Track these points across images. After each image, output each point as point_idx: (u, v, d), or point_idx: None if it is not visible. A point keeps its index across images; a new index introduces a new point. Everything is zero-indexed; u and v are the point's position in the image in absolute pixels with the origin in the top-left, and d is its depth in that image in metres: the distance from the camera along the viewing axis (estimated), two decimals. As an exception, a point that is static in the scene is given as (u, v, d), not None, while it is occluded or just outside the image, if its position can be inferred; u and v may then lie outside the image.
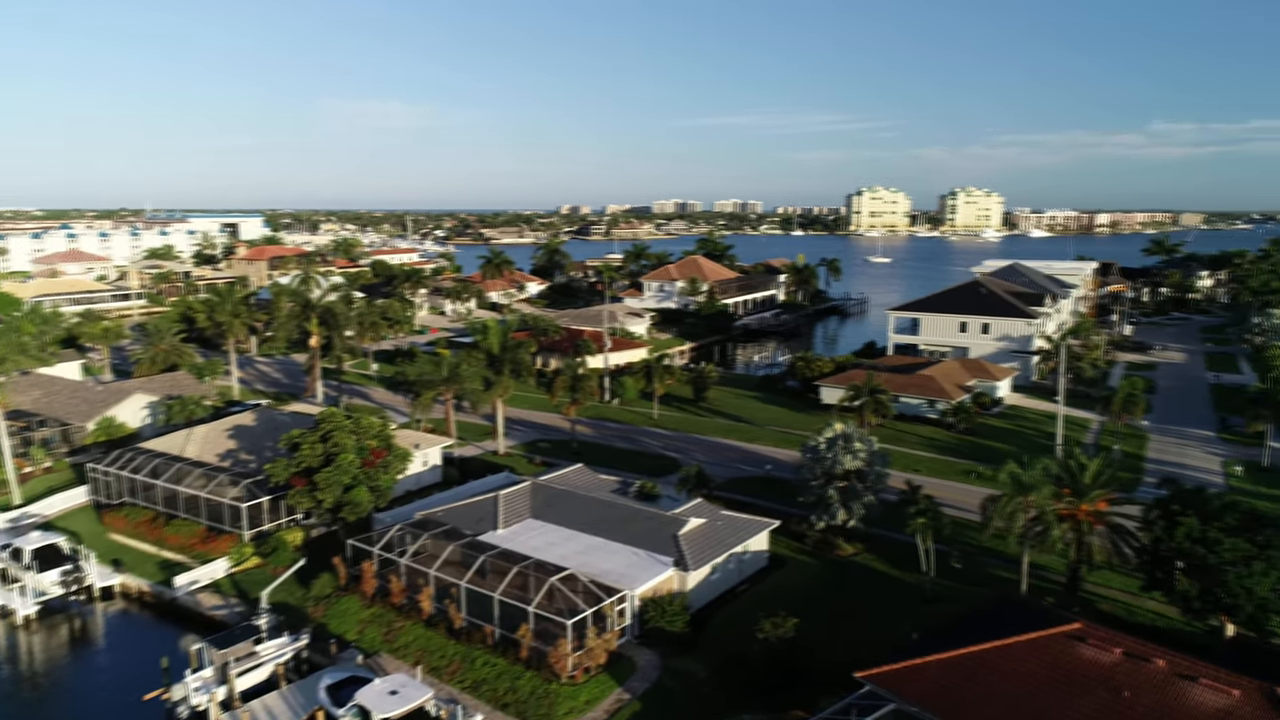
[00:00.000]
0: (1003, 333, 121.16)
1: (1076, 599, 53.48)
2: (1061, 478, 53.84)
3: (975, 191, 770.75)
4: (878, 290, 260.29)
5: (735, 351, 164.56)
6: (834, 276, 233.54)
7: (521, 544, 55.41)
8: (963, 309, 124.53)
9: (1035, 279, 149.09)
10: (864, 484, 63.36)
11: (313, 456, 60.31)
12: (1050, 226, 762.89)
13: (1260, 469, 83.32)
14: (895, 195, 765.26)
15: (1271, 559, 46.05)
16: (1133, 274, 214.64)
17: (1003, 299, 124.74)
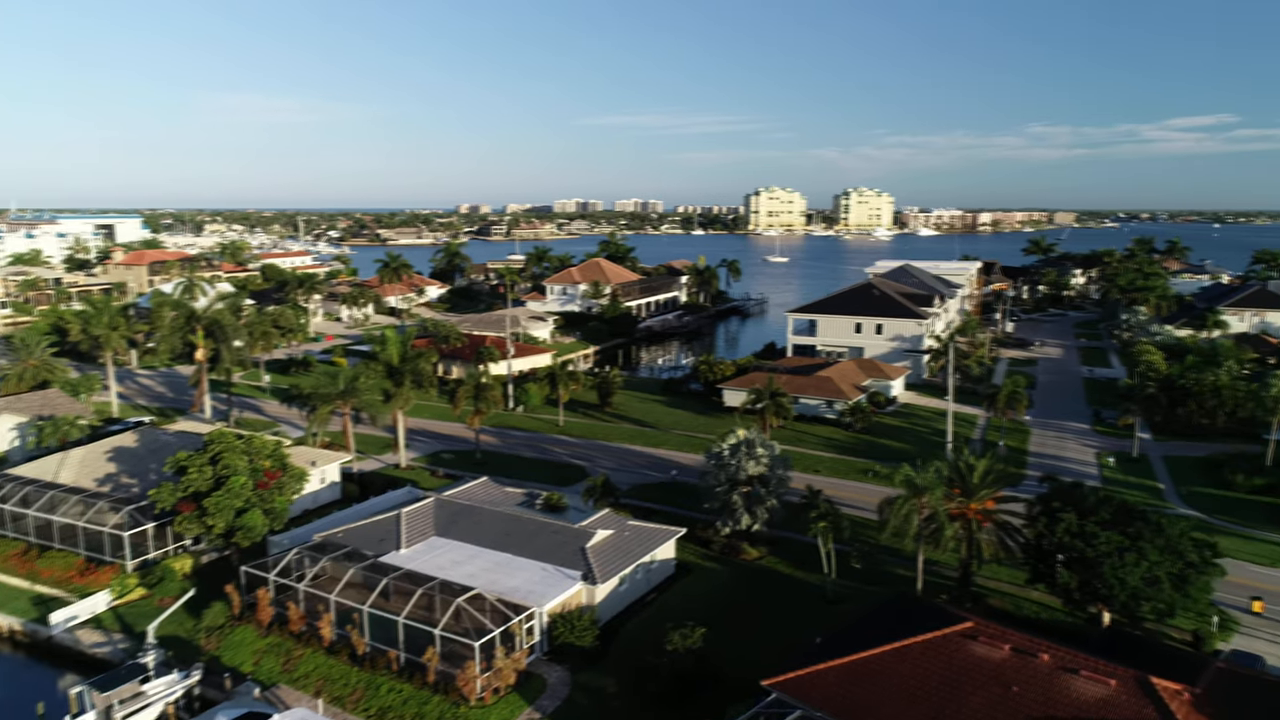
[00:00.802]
0: (895, 333, 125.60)
1: (969, 594, 55.92)
2: (952, 479, 56.16)
3: (867, 191, 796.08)
4: (776, 290, 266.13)
5: (639, 354, 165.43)
6: (734, 277, 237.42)
7: (426, 564, 54.29)
8: (857, 310, 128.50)
9: (924, 279, 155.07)
10: (767, 488, 64.65)
11: (201, 480, 57.57)
12: (937, 225, 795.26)
13: (1130, 460, 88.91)
14: (791, 195, 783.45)
15: (1142, 550, 49.18)
16: (1013, 273, 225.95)
17: (895, 300, 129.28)
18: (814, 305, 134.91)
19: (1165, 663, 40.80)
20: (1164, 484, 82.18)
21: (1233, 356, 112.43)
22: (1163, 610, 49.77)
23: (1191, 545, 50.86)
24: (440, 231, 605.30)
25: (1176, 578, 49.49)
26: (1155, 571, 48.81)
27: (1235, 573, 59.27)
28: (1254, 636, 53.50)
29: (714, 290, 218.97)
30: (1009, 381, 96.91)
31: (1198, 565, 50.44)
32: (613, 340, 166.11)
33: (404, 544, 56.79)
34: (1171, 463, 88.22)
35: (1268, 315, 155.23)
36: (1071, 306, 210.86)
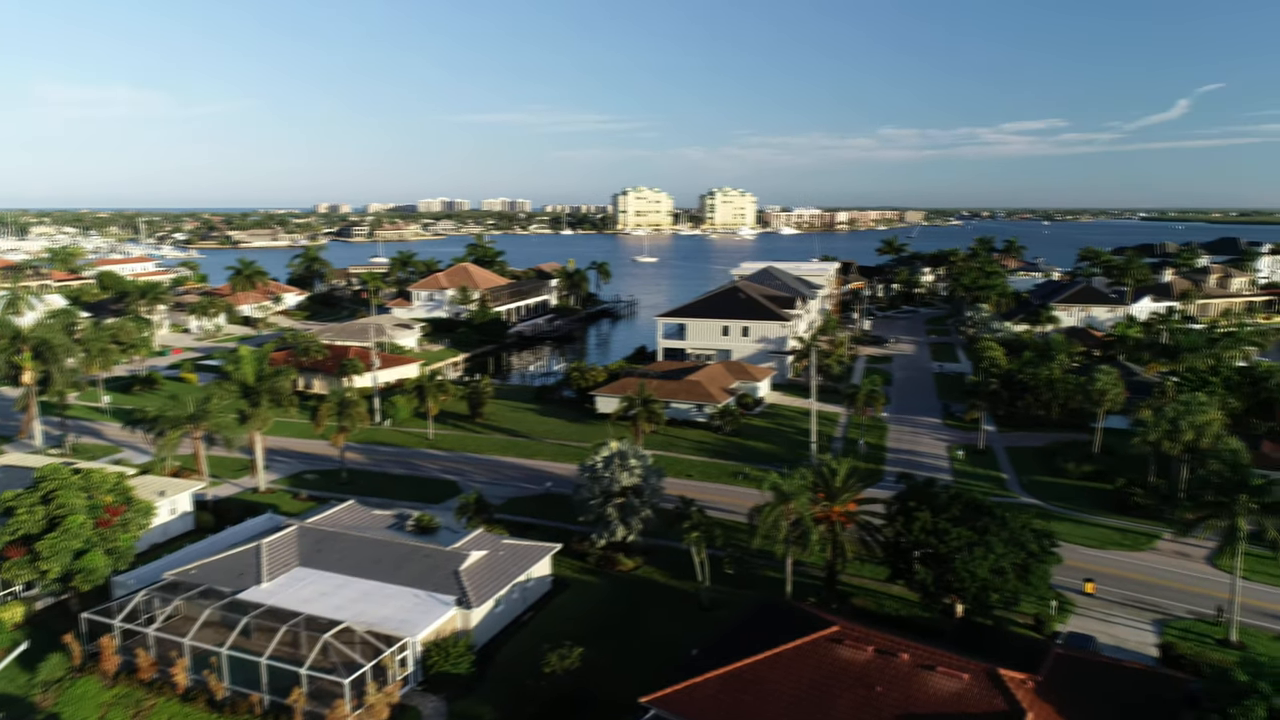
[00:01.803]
0: (761, 335, 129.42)
1: (835, 594, 58.28)
2: (817, 483, 58.36)
3: (731, 191, 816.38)
4: (646, 291, 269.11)
5: (510, 360, 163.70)
6: (604, 279, 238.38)
7: (290, 598, 51.90)
8: (724, 314, 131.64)
9: (787, 281, 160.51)
10: (641, 499, 65.28)
11: (32, 522, 52.98)
12: (798, 224, 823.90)
13: (977, 452, 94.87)
14: (659, 195, 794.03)
15: (989, 544, 52.60)
16: (869, 272, 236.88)
17: (759, 303, 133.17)
18: (682, 309, 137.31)
19: (1011, 651, 43.88)
20: (1007, 474, 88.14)
21: (1064, 350, 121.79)
22: (1009, 599, 53.48)
23: (1032, 536, 54.83)
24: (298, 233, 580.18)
25: (1020, 568, 53.23)
26: (1001, 563, 52.33)
27: (1070, 556, 64.04)
28: (1087, 616, 58.10)
29: (584, 293, 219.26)
30: (867, 381, 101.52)
31: (1038, 555, 54.42)
32: (482, 347, 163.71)
33: (265, 577, 54.08)
34: (1013, 453, 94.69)
35: (1092, 310, 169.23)
36: (922, 303, 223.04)
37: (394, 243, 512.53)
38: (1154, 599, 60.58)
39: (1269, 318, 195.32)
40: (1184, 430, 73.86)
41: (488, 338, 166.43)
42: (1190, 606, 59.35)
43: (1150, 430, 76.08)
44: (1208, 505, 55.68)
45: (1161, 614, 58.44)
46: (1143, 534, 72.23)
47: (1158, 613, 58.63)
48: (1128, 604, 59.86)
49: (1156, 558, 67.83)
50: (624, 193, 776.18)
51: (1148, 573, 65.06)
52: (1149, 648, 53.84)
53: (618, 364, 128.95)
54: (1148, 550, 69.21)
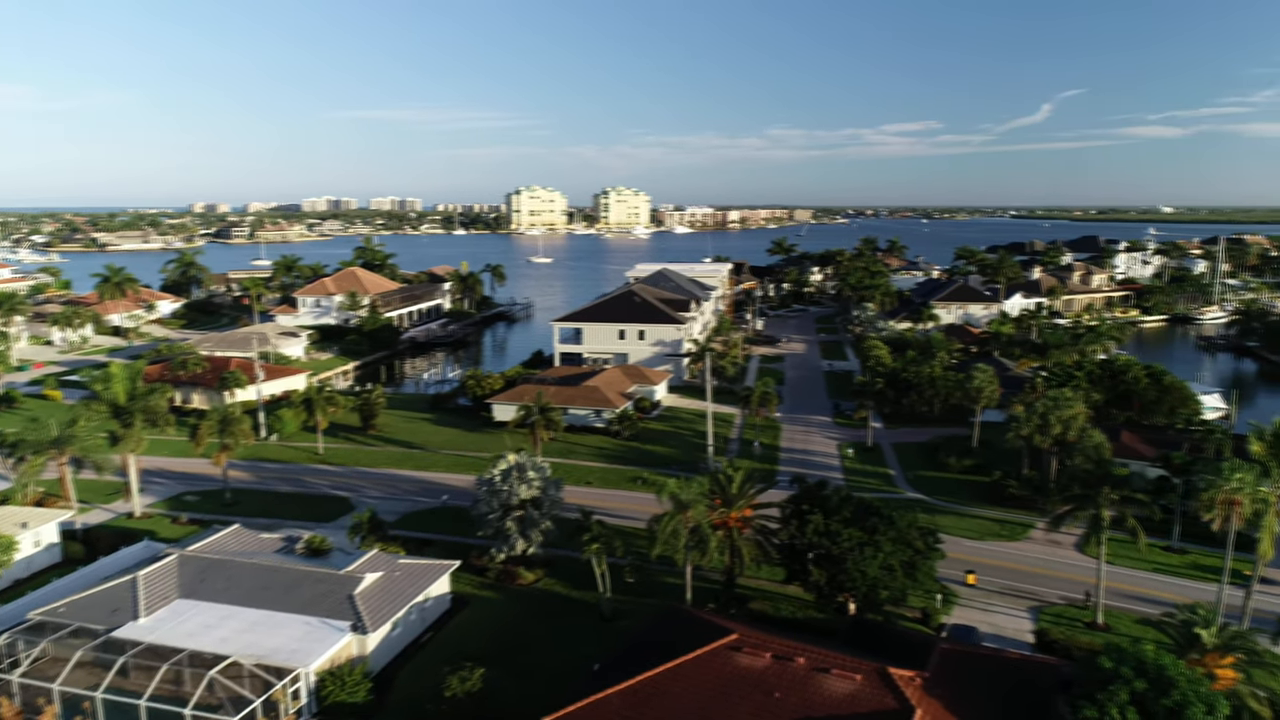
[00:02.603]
0: (657, 338, 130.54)
1: (734, 598, 59.38)
2: (714, 490, 59.34)
3: (625, 191, 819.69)
4: (542, 293, 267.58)
5: (403, 368, 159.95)
6: (499, 281, 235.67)
7: (171, 633, 49.27)
8: (621, 317, 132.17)
9: (681, 283, 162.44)
10: (540, 511, 64.89)
11: (-127, 565, 48.57)
12: (691, 223, 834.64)
13: (866, 449, 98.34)
14: (553, 194, 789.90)
15: (878, 543, 54.64)
16: (760, 272, 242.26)
17: (655, 306, 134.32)
18: (579, 314, 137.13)
19: (901, 647, 45.66)
20: (894, 470, 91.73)
21: (944, 348, 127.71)
22: (897, 595, 55.76)
23: (918, 534, 57.32)
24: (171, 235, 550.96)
25: (907, 565, 55.56)
26: (890, 561, 54.47)
27: (953, 549, 67.16)
28: (969, 607, 61.08)
29: (479, 296, 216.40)
30: (760, 383, 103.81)
31: (923, 552, 56.95)
32: (374, 354, 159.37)
33: (143, 612, 51.17)
34: (900, 449, 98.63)
35: (969, 307, 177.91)
36: (812, 302, 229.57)
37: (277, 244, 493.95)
38: (1029, 586, 64.20)
39: (1125, 311, 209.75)
40: (1053, 424, 78.45)
41: (379, 345, 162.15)
42: (1062, 592, 63.17)
43: (1023, 425, 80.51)
44: (1074, 498, 59.35)
45: (1036, 601, 62.00)
46: (1018, 524, 76.44)
47: (1033, 600, 62.17)
48: (1006, 593, 63.23)
49: (1031, 546, 71.91)
50: (517, 192, 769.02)
51: (1023, 561, 68.90)
52: (1025, 634, 57.05)
53: (514, 370, 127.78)
54: (1023, 540, 73.30)
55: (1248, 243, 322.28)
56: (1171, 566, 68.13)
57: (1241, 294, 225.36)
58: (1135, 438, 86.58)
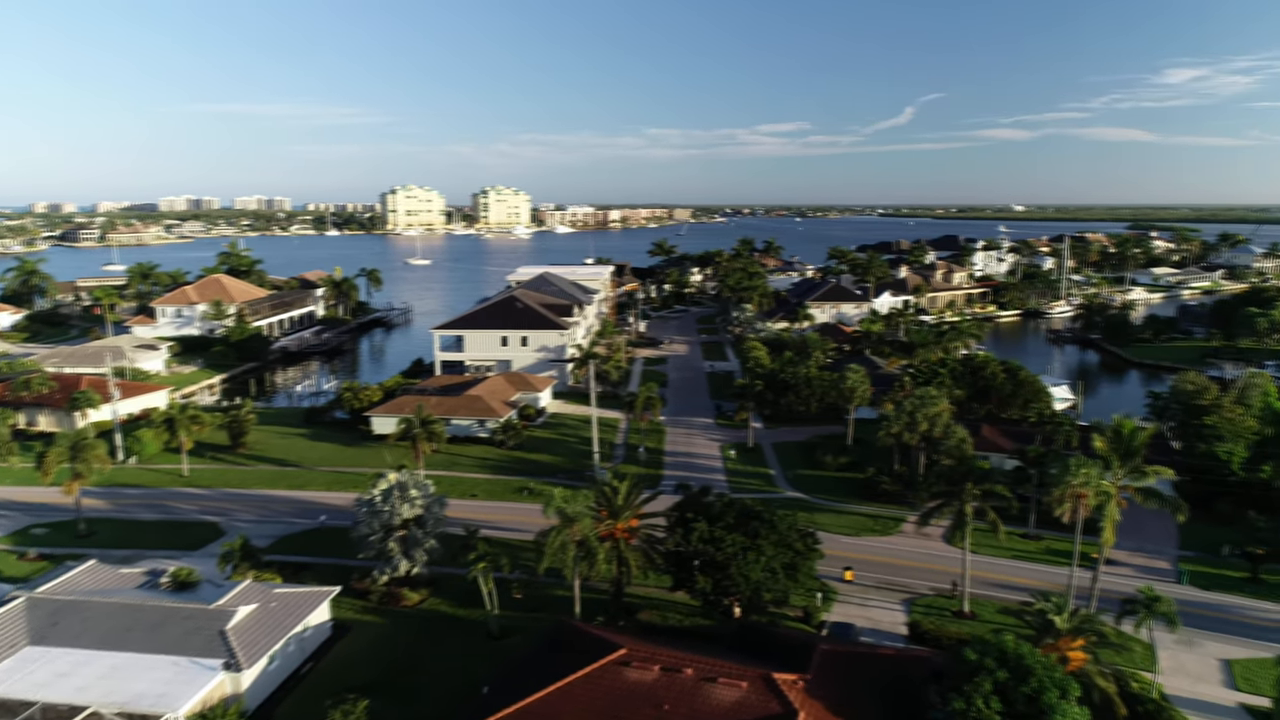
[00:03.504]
0: (541, 344, 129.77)
1: (622, 608, 59.84)
2: (600, 502, 59.60)
3: (505, 190, 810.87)
4: (421, 296, 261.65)
5: (275, 379, 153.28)
6: (375, 286, 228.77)
7: (20, 685, 45.71)
8: (503, 324, 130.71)
9: (563, 287, 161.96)
10: (424, 530, 63.62)
11: None
12: (573, 223, 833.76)
13: (748, 450, 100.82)
14: (430, 193, 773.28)
15: (760, 548, 56.18)
16: (642, 273, 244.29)
17: (537, 312, 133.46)
18: (460, 320, 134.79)
19: (784, 650, 47.16)
20: (774, 470, 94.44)
21: (819, 348, 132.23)
22: (779, 597, 57.50)
23: (798, 536, 59.25)
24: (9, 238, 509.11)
25: (789, 566, 57.34)
26: (772, 564, 56.11)
27: (831, 546, 69.75)
28: (847, 603, 63.60)
29: (354, 302, 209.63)
30: (644, 388, 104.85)
31: (803, 553, 58.88)
32: (242, 366, 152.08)
33: (-14, 664, 47.27)
34: (779, 449, 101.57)
35: (842, 307, 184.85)
36: (693, 303, 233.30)
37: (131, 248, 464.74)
38: (902, 579, 67.41)
39: (984, 307, 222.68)
40: (920, 422, 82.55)
41: (247, 356, 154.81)
42: (932, 583, 66.59)
43: (893, 424, 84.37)
44: (940, 494, 62.71)
45: (909, 593, 65.15)
46: (891, 519, 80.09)
47: (906, 592, 65.31)
48: (881, 586, 66.19)
49: (903, 540, 75.47)
50: (393, 191, 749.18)
51: (896, 555, 72.27)
52: (900, 626, 59.86)
53: (394, 380, 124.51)
54: (895, 534, 76.85)
55: (1089, 240, 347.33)
56: (1028, 553, 72.90)
57: (1085, 289, 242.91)
58: (995, 431, 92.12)
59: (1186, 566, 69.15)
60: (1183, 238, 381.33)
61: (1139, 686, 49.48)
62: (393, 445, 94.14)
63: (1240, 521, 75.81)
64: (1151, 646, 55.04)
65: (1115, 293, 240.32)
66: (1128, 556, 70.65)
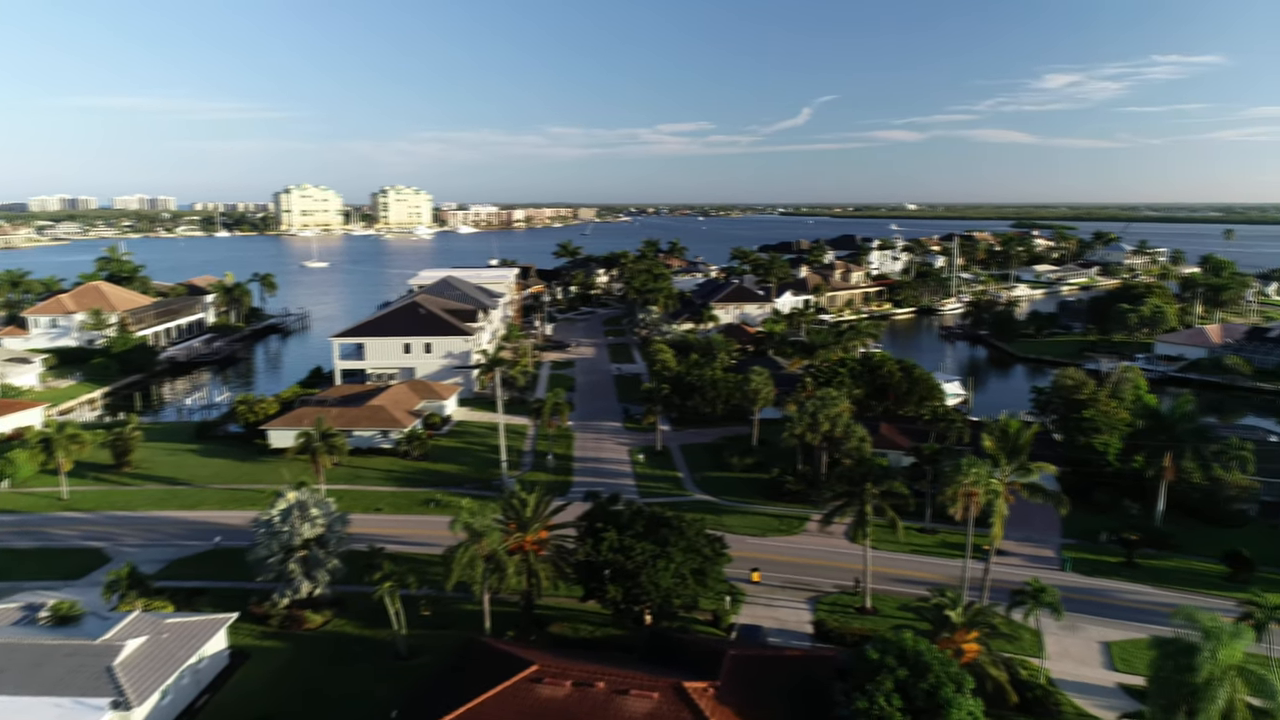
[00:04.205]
0: (445, 350, 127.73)
1: (533, 621, 59.46)
2: (508, 514, 59.08)
3: (405, 189, 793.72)
4: (319, 301, 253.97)
5: (163, 392, 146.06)
6: (269, 291, 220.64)
7: (-121, 739, 42.32)
8: (405, 330, 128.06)
9: (467, 291, 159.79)
10: (326, 549, 61.80)
11: None
12: (476, 223, 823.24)
13: (656, 453, 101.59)
14: (326, 193, 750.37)
15: (670, 555, 56.68)
16: (548, 275, 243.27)
17: (441, 318, 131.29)
18: (360, 328, 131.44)
19: (695, 657, 47.78)
20: (683, 473, 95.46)
21: (724, 349, 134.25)
22: (690, 603, 58.21)
23: (706, 541, 60.02)
24: None
25: (698, 572, 58.04)
26: (682, 570, 56.71)
27: (739, 547, 70.75)
28: (755, 604, 64.82)
29: (247, 308, 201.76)
30: (552, 394, 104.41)
31: (711, 558, 59.70)
32: (126, 379, 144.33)
33: None
34: (687, 451, 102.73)
35: (745, 307, 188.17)
36: (599, 304, 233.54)
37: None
38: (808, 578, 69.14)
39: (880, 305, 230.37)
40: (822, 423, 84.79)
41: (132, 368, 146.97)
42: (836, 581, 68.54)
43: (796, 425, 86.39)
44: (841, 495, 64.62)
45: (814, 591, 66.88)
46: (795, 518, 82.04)
47: (811, 591, 67.02)
48: (787, 586, 67.72)
49: (807, 539, 77.43)
50: (287, 190, 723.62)
51: (801, 554, 74.10)
52: (806, 625, 61.39)
53: (291, 391, 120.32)
54: (800, 533, 78.77)
55: (977, 239, 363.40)
56: (925, 546, 75.86)
57: (973, 286, 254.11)
58: (892, 429, 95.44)
59: (1069, 554, 73.21)
60: (1061, 236, 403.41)
61: (1028, 673, 52.16)
62: (291, 460, 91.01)
63: (1116, 510, 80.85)
64: (1039, 634, 58.19)
65: (1001, 290, 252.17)
66: (1016, 547, 74.31)
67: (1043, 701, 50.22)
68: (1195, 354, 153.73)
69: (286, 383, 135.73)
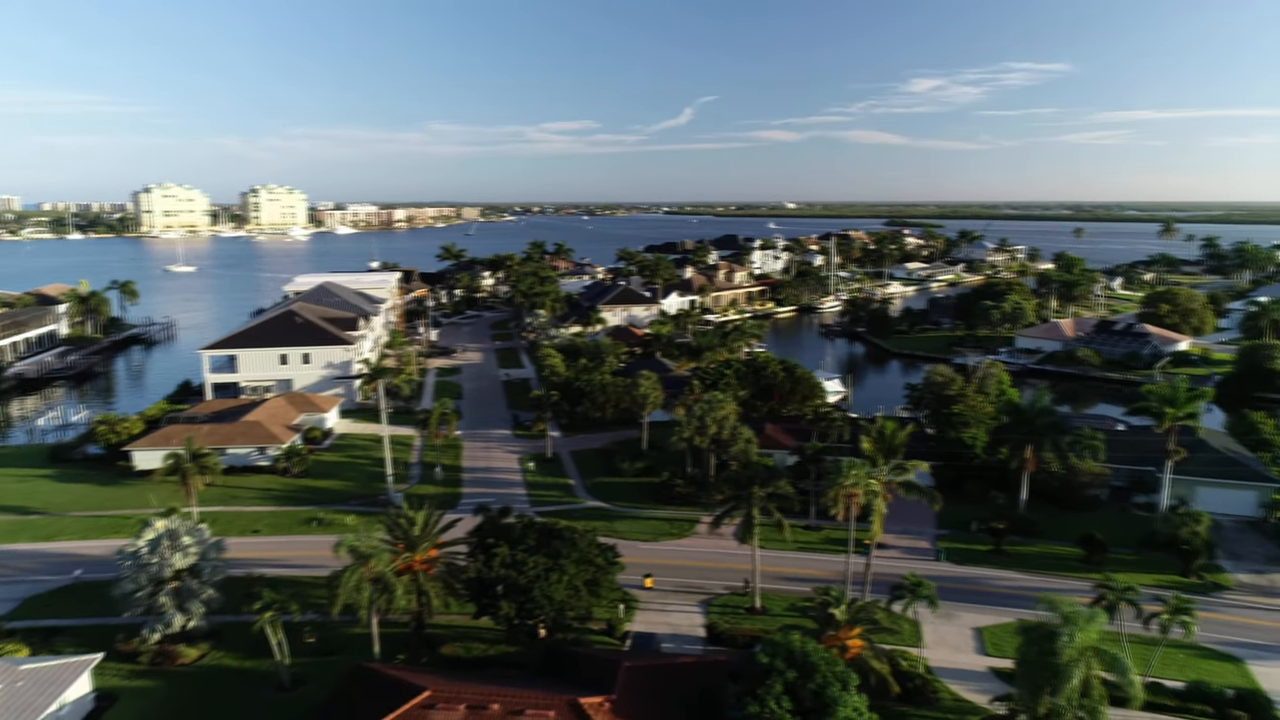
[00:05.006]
0: (325, 361, 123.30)
1: (424, 642, 58.17)
2: (395, 534, 57.65)
3: (277, 188, 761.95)
4: (185, 309, 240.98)
5: (10, 411, 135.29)
6: (130, 299, 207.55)
7: None
8: (281, 341, 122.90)
9: (347, 298, 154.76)
10: (200, 579, 58.78)
11: None
12: (354, 223, 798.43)
13: (546, 461, 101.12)
14: (191, 192, 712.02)
15: (562, 567, 56.57)
16: (431, 279, 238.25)
17: (319, 327, 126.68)
18: (232, 338, 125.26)
19: (590, 670, 47.89)
20: (574, 479, 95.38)
21: (612, 352, 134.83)
22: (583, 614, 58.20)
23: (599, 551, 60.15)
24: None
25: (591, 583, 58.12)
26: (575, 582, 56.68)
27: (631, 554, 71.54)
28: (649, 610, 65.41)
29: (105, 318, 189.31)
30: (439, 403, 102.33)
31: (604, 567, 59.89)
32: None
33: None
34: (578, 457, 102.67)
35: (632, 309, 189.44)
36: (485, 307, 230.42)
37: None
38: (699, 581, 70.26)
39: (763, 304, 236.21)
40: (709, 426, 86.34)
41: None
42: (726, 582, 69.92)
43: (684, 428, 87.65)
44: (729, 500, 66.01)
45: (706, 594, 68.01)
46: (686, 521, 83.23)
47: (703, 593, 68.12)
48: (680, 590, 68.63)
49: (698, 541, 78.67)
50: (147, 189, 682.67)
51: (692, 557, 75.25)
52: (698, 629, 62.41)
53: (157, 408, 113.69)
54: (691, 536, 79.98)
55: (852, 238, 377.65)
56: (811, 543, 78.33)
57: (850, 284, 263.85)
58: (777, 429, 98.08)
59: (943, 544, 77.01)
60: (930, 234, 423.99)
61: (908, 664, 54.68)
62: (159, 483, 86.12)
63: (985, 500, 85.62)
64: (917, 624, 61.08)
65: (875, 287, 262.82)
66: (895, 539, 77.63)
67: (922, 690, 52.74)
68: (1051, 347, 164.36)
69: (152, 399, 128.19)
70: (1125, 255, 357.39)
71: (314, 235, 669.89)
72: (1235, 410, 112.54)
